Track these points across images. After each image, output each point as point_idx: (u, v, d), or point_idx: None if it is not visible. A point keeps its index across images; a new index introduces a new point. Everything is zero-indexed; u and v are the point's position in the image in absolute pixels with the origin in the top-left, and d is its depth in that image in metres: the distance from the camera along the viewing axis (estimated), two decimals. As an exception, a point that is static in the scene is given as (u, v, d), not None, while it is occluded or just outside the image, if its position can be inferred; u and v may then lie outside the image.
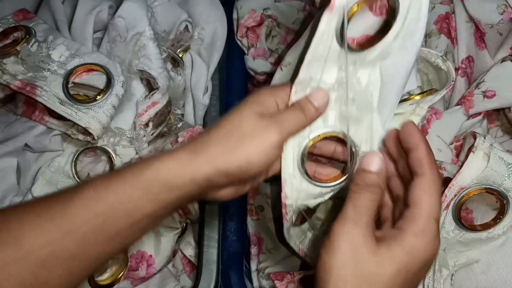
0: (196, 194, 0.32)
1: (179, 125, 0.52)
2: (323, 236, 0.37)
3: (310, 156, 0.37)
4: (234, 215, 0.51)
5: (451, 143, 0.47)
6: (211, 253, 0.49)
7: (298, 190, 0.36)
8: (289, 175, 0.35)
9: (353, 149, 0.35)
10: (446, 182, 0.43)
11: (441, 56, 0.45)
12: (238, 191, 0.35)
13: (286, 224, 0.37)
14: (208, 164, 0.31)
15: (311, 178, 0.35)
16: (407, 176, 0.32)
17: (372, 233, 0.30)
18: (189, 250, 0.53)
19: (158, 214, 0.31)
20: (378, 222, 0.35)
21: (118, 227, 0.30)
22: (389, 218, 0.35)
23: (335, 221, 0.30)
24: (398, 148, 0.33)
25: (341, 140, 0.36)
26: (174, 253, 0.52)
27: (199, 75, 0.54)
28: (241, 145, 0.31)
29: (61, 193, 0.31)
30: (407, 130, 0.32)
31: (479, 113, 0.49)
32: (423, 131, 0.45)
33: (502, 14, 0.49)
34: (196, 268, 0.51)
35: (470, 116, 0.48)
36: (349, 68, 0.33)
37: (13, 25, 0.47)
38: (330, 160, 0.39)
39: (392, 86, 0.33)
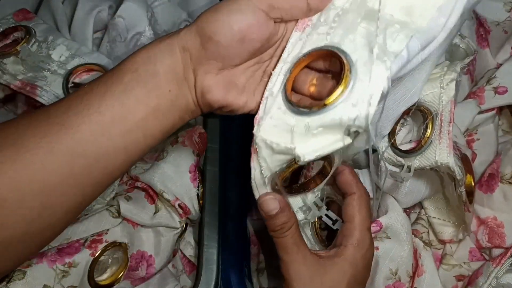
0: (181, 71, 0.30)
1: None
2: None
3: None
4: (234, 215, 0.51)
5: (463, 135, 0.47)
6: (211, 253, 0.49)
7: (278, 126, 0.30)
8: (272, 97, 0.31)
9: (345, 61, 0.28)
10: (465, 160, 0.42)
11: (459, 34, 0.44)
12: (227, 86, 0.31)
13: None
14: (183, 32, 0.30)
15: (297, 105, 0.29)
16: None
17: (314, 259, 0.34)
18: (189, 250, 0.53)
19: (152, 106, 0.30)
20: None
21: (121, 128, 0.29)
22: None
23: (281, 268, 0.34)
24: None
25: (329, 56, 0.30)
26: (174, 253, 0.52)
27: (199, 75, 0.54)
28: (214, 10, 0.29)
29: (59, 105, 0.30)
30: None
31: (492, 108, 0.49)
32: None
33: (509, 11, 0.49)
34: (196, 268, 0.51)
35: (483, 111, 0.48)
36: None
37: (13, 25, 0.47)
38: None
39: None
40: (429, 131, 0.38)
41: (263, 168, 0.31)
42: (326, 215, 0.38)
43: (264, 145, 0.30)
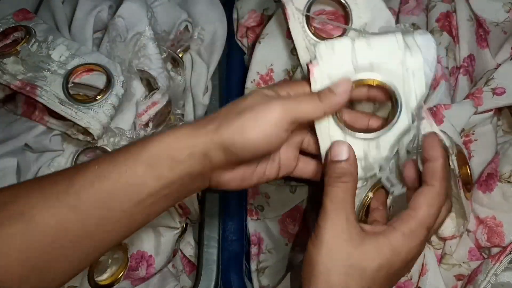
0: (198, 172, 0.31)
1: (179, 125, 0.52)
2: None
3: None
4: (234, 215, 0.51)
5: (460, 135, 0.47)
6: (211, 253, 0.49)
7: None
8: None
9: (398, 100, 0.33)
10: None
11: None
12: (243, 178, 0.34)
13: None
14: (205, 136, 0.30)
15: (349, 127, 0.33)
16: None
17: (355, 224, 0.31)
18: (189, 250, 0.53)
19: (162, 194, 0.31)
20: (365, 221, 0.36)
21: (122, 205, 0.30)
22: (380, 221, 0.35)
23: (319, 215, 0.31)
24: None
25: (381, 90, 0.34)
26: (174, 253, 0.52)
27: (199, 75, 0.54)
28: (237, 117, 0.30)
29: (67, 170, 0.31)
30: (430, 141, 0.32)
31: (490, 109, 0.48)
32: (438, 119, 0.45)
33: (508, 12, 0.49)
34: (196, 268, 0.51)
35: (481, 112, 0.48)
36: None
37: (13, 25, 0.47)
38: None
39: None
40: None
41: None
42: (387, 178, 0.35)
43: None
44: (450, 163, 0.36)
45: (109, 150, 0.45)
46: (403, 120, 0.34)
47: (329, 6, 0.42)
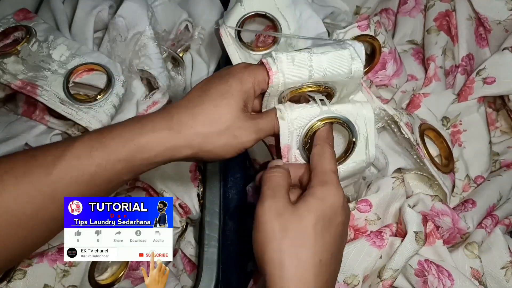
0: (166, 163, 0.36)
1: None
2: None
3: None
4: (234, 215, 0.51)
5: (447, 126, 0.50)
6: (212, 252, 0.49)
7: None
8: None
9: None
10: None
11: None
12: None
13: None
14: (189, 149, 0.34)
15: None
16: None
17: (288, 199, 0.34)
18: (190, 250, 0.53)
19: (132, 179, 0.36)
20: None
21: (97, 193, 0.34)
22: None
23: (257, 204, 0.34)
24: None
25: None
26: (174, 253, 0.52)
27: (200, 75, 0.54)
28: (223, 137, 0.35)
29: (42, 155, 0.33)
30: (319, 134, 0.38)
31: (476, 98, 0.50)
32: (415, 105, 0.49)
33: (511, 10, 0.50)
34: (197, 267, 0.51)
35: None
36: None
37: (14, 24, 0.47)
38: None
39: None
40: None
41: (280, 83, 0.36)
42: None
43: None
44: (402, 131, 0.42)
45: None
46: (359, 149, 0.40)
47: (261, 24, 0.49)
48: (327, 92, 0.38)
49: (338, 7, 0.55)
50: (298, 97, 0.39)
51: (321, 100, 0.38)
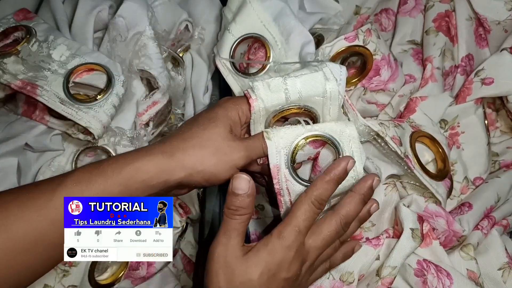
0: (165, 192, 0.37)
1: (179, 124, 0.52)
2: None
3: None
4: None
5: (445, 128, 0.50)
6: (212, 252, 0.49)
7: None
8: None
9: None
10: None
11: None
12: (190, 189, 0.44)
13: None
14: (182, 170, 0.36)
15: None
16: None
17: (240, 248, 0.35)
18: (190, 250, 0.53)
19: None
20: None
21: None
22: None
23: (211, 244, 0.36)
24: None
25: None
26: (174, 253, 0.52)
27: (200, 75, 0.54)
28: (214, 157, 0.36)
29: (44, 184, 0.35)
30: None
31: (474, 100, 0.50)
32: (411, 109, 0.49)
33: (510, 10, 0.50)
34: (197, 267, 0.51)
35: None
36: None
37: (14, 24, 0.47)
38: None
39: None
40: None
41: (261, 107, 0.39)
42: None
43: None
44: (389, 145, 0.43)
45: (110, 149, 0.46)
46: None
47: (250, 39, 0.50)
48: (310, 116, 0.40)
49: (328, 12, 0.55)
50: (285, 121, 0.41)
51: (305, 120, 0.40)
